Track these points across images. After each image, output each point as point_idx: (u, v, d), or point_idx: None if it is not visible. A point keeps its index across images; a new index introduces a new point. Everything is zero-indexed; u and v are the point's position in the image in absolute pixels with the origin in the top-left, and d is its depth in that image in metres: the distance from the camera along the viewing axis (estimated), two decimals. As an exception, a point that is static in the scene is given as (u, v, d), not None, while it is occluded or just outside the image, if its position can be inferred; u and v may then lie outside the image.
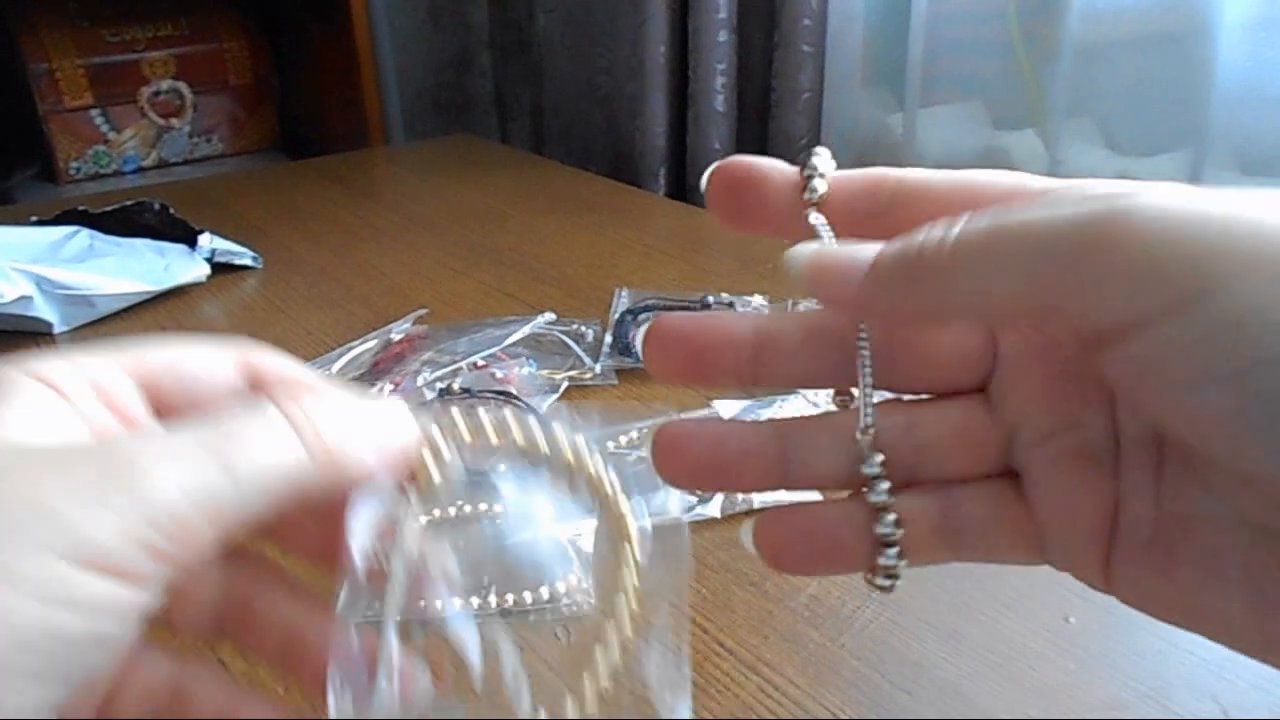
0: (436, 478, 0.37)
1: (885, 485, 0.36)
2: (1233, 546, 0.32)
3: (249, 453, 0.32)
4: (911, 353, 0.37)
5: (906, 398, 0.38)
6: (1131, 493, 0.35)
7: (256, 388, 0.38)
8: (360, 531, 0.35)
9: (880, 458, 0.36)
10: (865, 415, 0.36)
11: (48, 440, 0.31)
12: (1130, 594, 0.35)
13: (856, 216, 0.37)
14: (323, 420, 0.34)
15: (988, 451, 0.37)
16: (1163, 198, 0.29)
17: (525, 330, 0.95)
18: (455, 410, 0.37)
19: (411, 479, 0.37)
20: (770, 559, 0.38)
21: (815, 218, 0.37)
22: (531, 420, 0.37)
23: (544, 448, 0.37)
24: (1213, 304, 0.28)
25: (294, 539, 0.39)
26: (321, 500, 0.34)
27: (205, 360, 0.37)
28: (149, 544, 0.29)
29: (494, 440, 0.37)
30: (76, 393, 0.34)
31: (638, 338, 0.95)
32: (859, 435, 0.36)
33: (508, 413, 0.37)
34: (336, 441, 0.34)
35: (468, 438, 0.37)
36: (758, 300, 1.02)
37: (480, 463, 0.37)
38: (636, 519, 0.38)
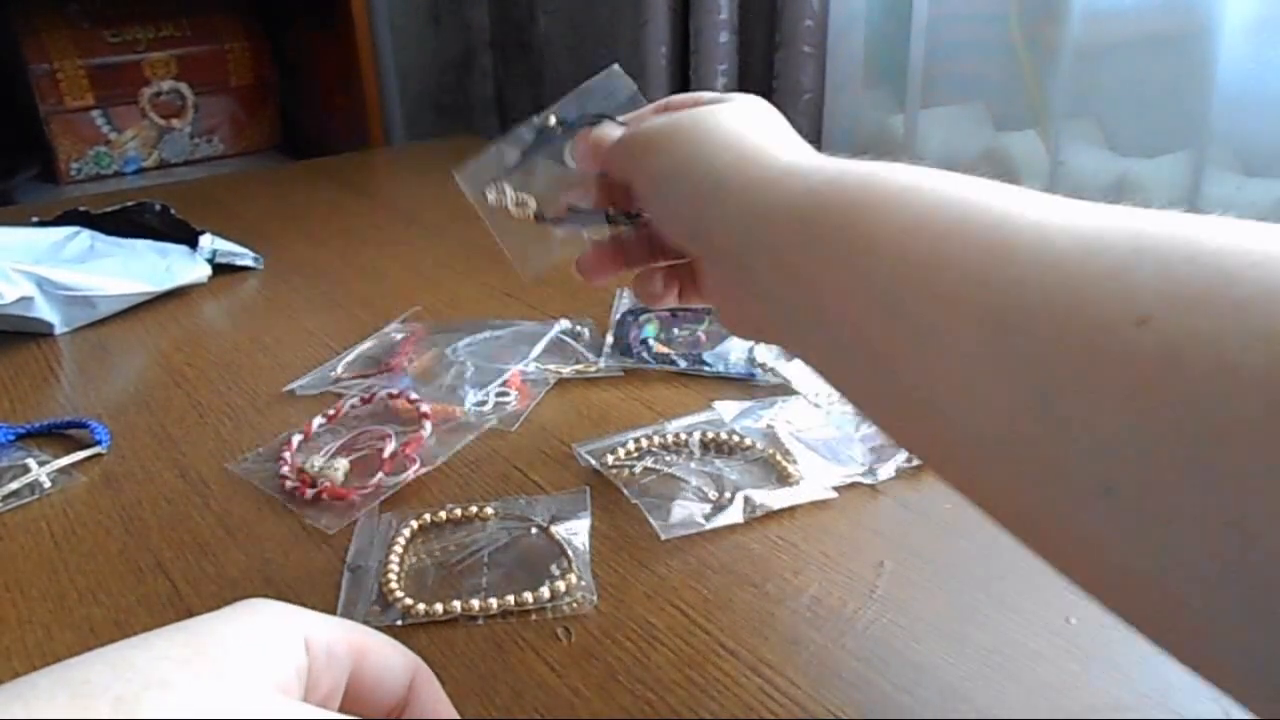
0: None
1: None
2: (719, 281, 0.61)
3: None
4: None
5: None
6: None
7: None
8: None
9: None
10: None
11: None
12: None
13: None
14: None
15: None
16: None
17: (547, 339, 0.96)
18: None
19: None
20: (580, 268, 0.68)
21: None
22: None
23: None
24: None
25: None
26: None
27: (391, 667, 0.42)
28: None
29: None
30: (317, 659, 0.39)
31: (638, 337, 0.95)
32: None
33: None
34: None
35: None
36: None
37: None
38: None
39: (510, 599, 0.61)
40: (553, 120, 0.70)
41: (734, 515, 0.69)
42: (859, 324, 0.44)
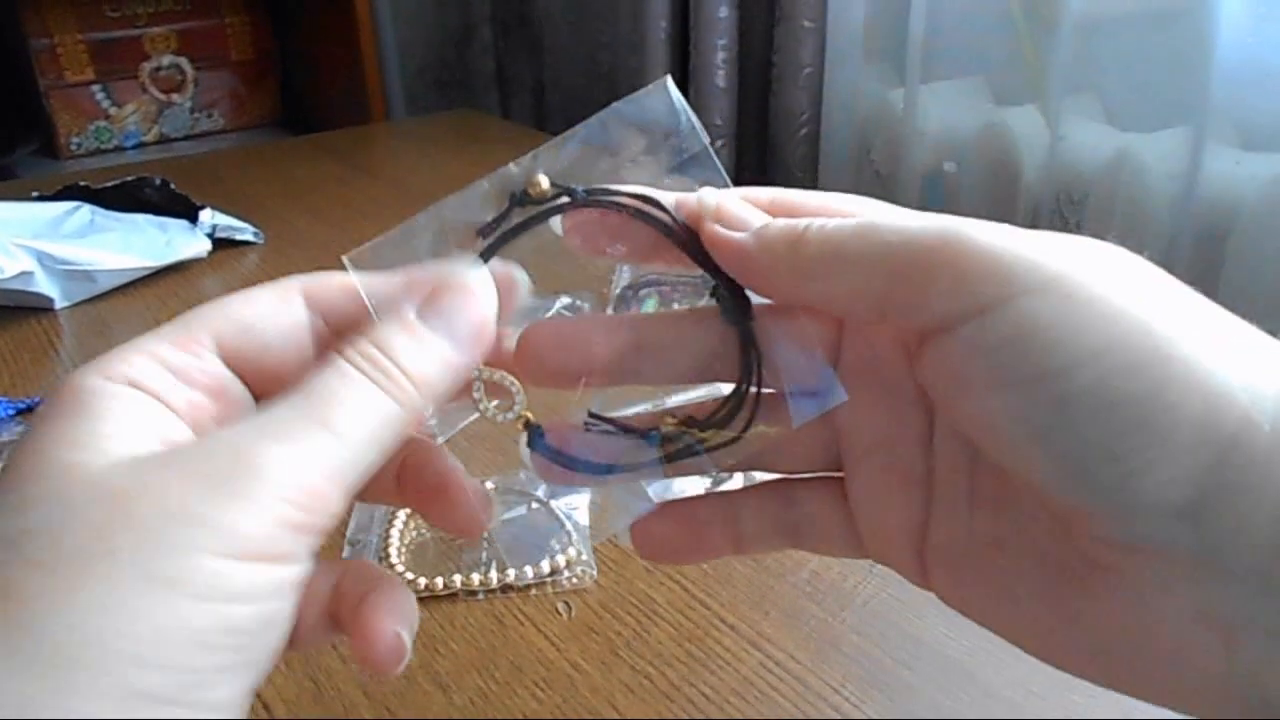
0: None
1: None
2: (1023, 573, 0.37)
3: (349, 414, 0.33)
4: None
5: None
6: (943, 514, 0.39)
7: (336, 330, 0.39)
8: None
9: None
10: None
11: (152, 445, 0.33)
12: (946, 596, 0.41)
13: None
14: (398, 356, 0.35)
15: (819, 453, 0.42)
16: (995, 228, 0.34)
17: (549, 315, 0.95)
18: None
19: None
20: (644, 551, 0.45)
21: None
22: None
23: None
24: (1009, 312, 0.32)
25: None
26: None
27: (270, 309, 0.39)
28: (291, 522, 0.31)
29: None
30: (163, 387, 0.35)
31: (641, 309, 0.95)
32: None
33: None
34: (417, 373, 0.35)
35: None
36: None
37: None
38: None
39: (510, 574, 0.62)
40: (544, 183, 0.40)
41: (734, 488, 0.69)
42: None
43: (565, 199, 0.40)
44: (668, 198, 0.40)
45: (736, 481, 0.70)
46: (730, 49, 1.75)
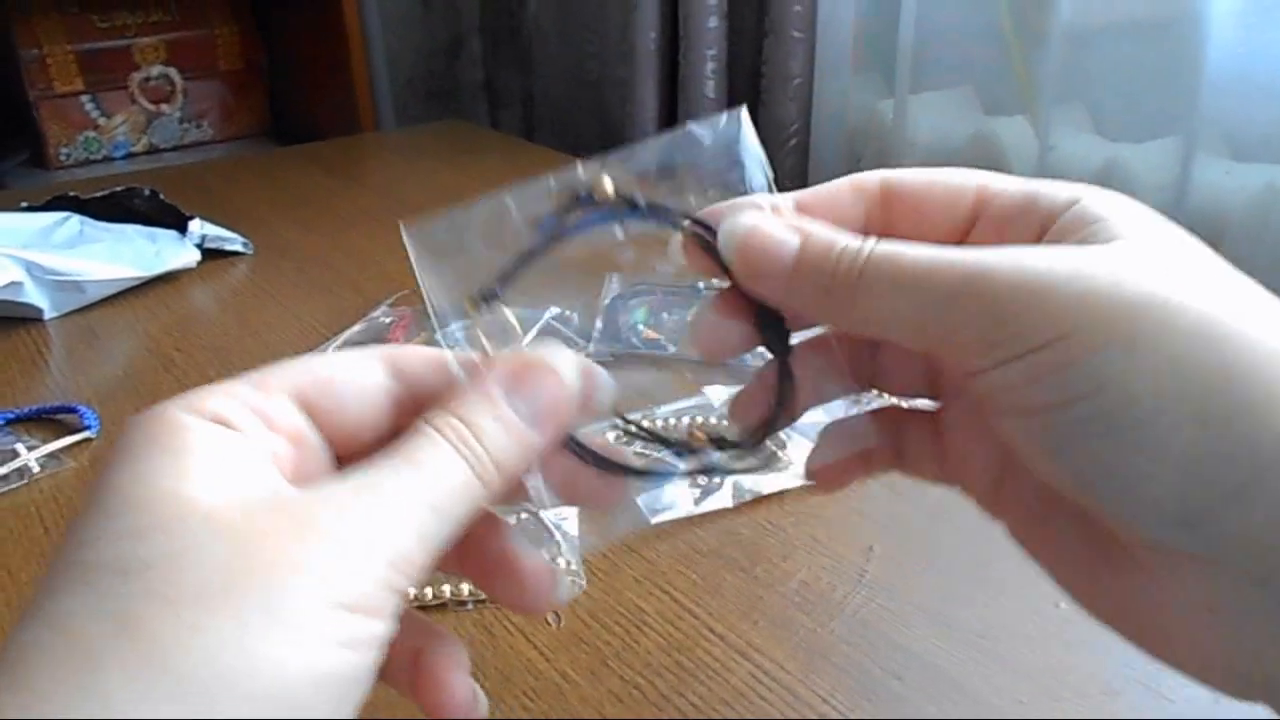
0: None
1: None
2: (1070, 537, 0.39)
3: (443, 487, 0.35)
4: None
5: None
6: (1016, 466, 0.40)
7: (414, 396, 0.40)
8: None
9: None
10: None
11: (254, 486, 0.34)
12: (1011, 533, 0.42)
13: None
14: (483, 436, 0.36)
15: (919, 381, 0.45)
16: (1026, 256, 0.34)
17: (538, 326, 0.95)
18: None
19: None
20: (825, 484, 0.47)
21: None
22: None
23: None
24: (1038, 358, 0.33)
25: None
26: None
27: (349, 369, 0.40)
28: (390, 583, 0.32)
29: None
30: (248, 425, 0.35)
31: (628, 323, 0.95)
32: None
33: None
34: (499, 453, 0.36)
35: None
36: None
37: None
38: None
39: (500, 584, 0.62)
40: (609, 188, 0.41)
41: (723, 500, 0.69)
42: None
43: (627, 207, 0.41)
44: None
45: (725, 497, 0.70)
46: (719, 59, 1.76)
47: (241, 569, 0.30)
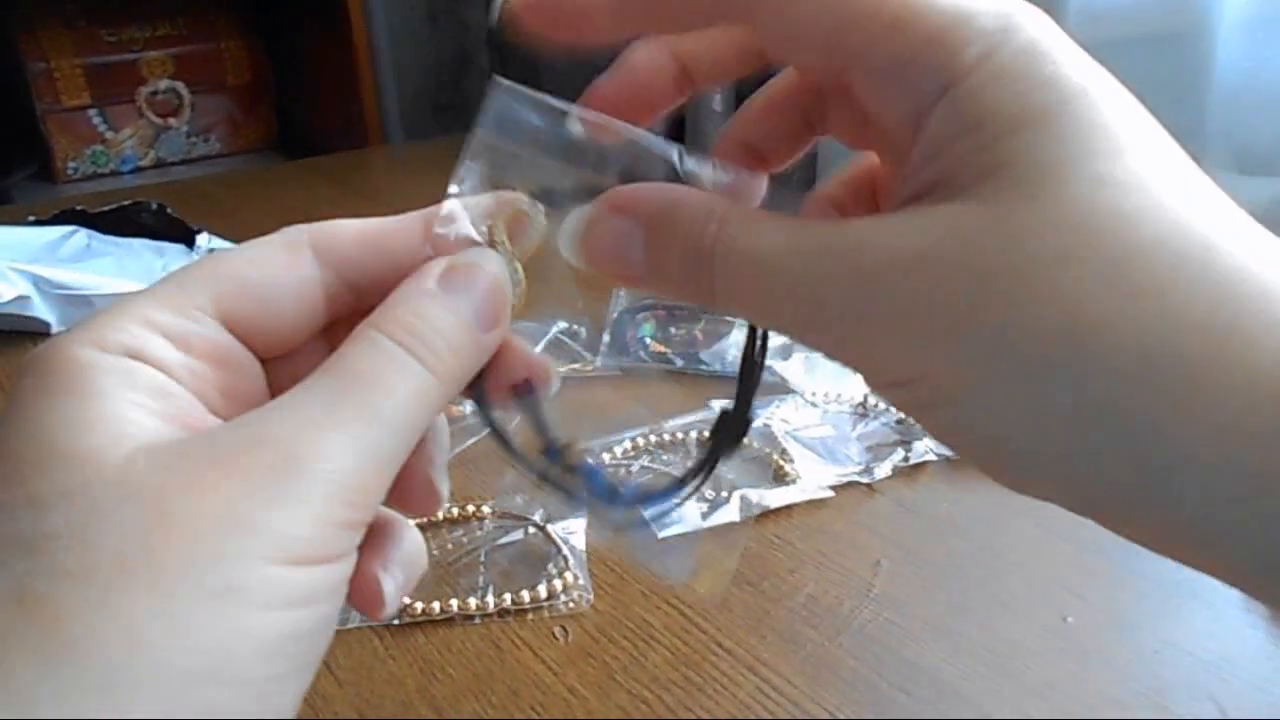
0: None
1: None
2: None
3: (393, 398, 0.31)
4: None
5: None
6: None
7: (349, 284, 0.37)
8: None
9: None
10: None
11: (166, 428, 0.30)
12: None
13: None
14: (441, 331, 0.33)
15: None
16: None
17: (545, 340, 0.95)
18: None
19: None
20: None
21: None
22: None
23: None
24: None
25: None
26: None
27: (275, 265, 0.36)
28: (343, 521, 0.29)
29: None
30: (162, 354, 0.32)
31: (635, 336, 0.95)
32: None
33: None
34: (458, 346, 0.34)
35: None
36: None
37: None
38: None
39: (507, 598, 0.62)
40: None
41: (731, 514, 0.69)
42: None
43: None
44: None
45: (733, 511, 0.70)
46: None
47: (162, 534, 0.27)
